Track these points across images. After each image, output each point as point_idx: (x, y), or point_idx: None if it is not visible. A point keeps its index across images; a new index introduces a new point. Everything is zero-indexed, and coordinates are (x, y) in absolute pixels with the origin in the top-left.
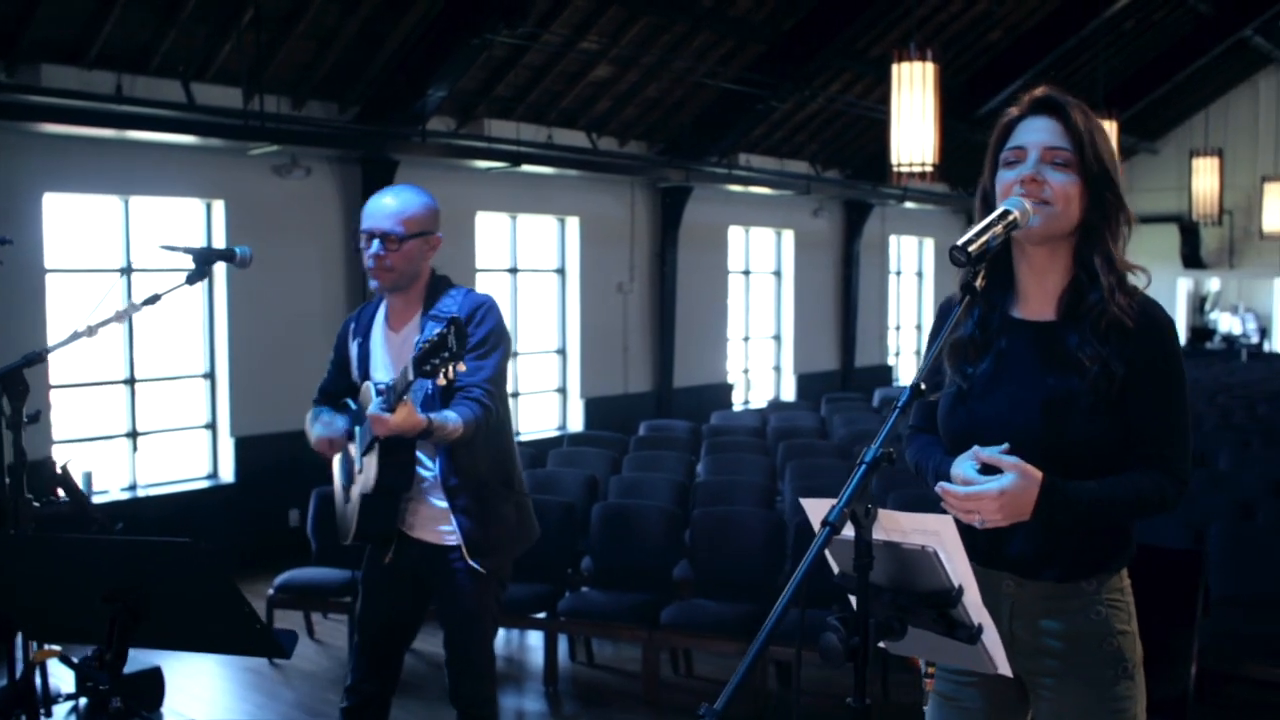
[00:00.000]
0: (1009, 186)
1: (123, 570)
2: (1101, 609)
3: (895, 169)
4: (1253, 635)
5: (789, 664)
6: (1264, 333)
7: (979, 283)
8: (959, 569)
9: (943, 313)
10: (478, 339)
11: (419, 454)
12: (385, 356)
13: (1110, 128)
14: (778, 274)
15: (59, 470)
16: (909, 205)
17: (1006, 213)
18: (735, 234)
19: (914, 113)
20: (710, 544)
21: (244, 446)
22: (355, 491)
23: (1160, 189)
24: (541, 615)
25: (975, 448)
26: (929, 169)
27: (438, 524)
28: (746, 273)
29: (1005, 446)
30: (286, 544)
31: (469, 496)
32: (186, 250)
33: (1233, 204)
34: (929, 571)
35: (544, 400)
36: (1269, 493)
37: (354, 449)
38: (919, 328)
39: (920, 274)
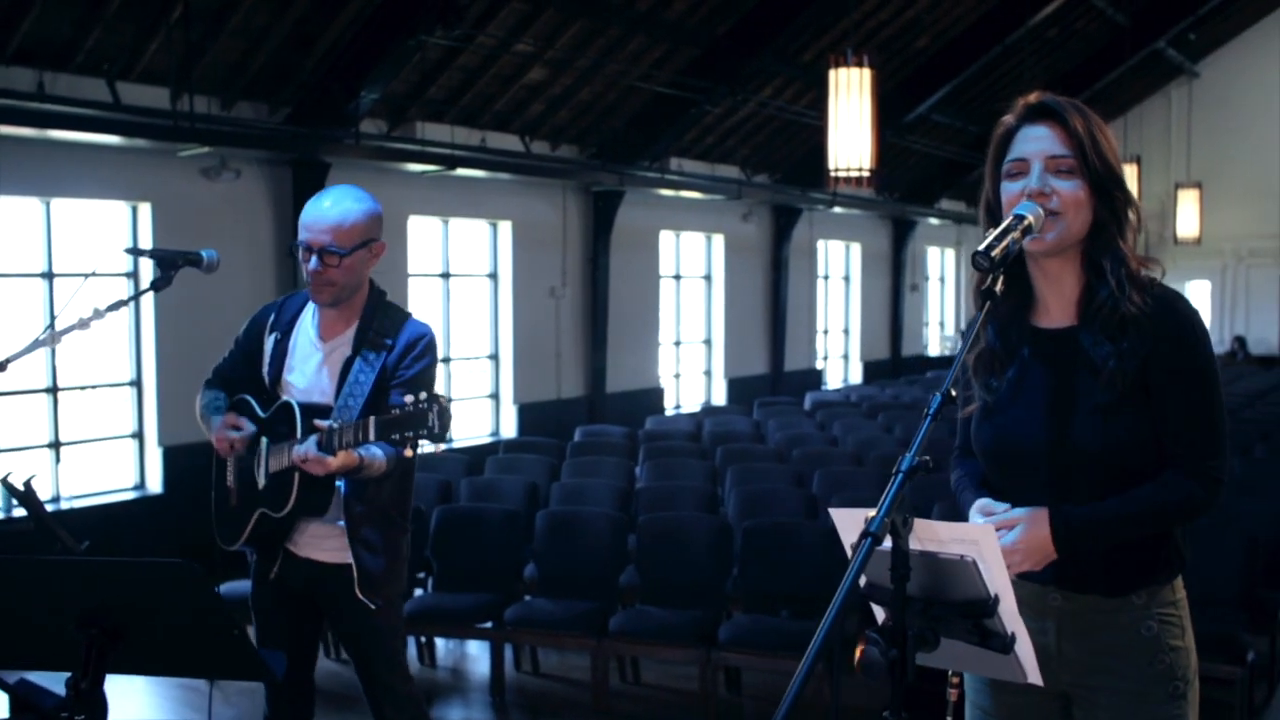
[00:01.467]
0: (1015, 200)
1: (99, 593)
2: (1153, 624)
3: (832, 174)
4: None
5: (738, 669)
6: None
7: (999, 288)
8: (996, 578)
9: (967, 335)
10: (412, 374)
11: None
12: (303, 362)
13: None
14: (708, 278)
15: (21, 486)
16: (837, 210)
17: (1021, 218)
18: (666, 238)
19: (851, 118)
20: (656, 550)
21: (173, 456)
22: (249, 505)
23: None
24: (487, 625)
25: (981, 503)
26: (866, 174)
27: (326, 540)
28: (677, 277)
29: (1006, 508)
30: (219, 557)
31: (371, 527)
32: (151, 254)
33: (1148, 210)
34: (966, 581)
35: (477, 406)
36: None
37: (258, 462)
38: (846, 332)
39: (847, 278)
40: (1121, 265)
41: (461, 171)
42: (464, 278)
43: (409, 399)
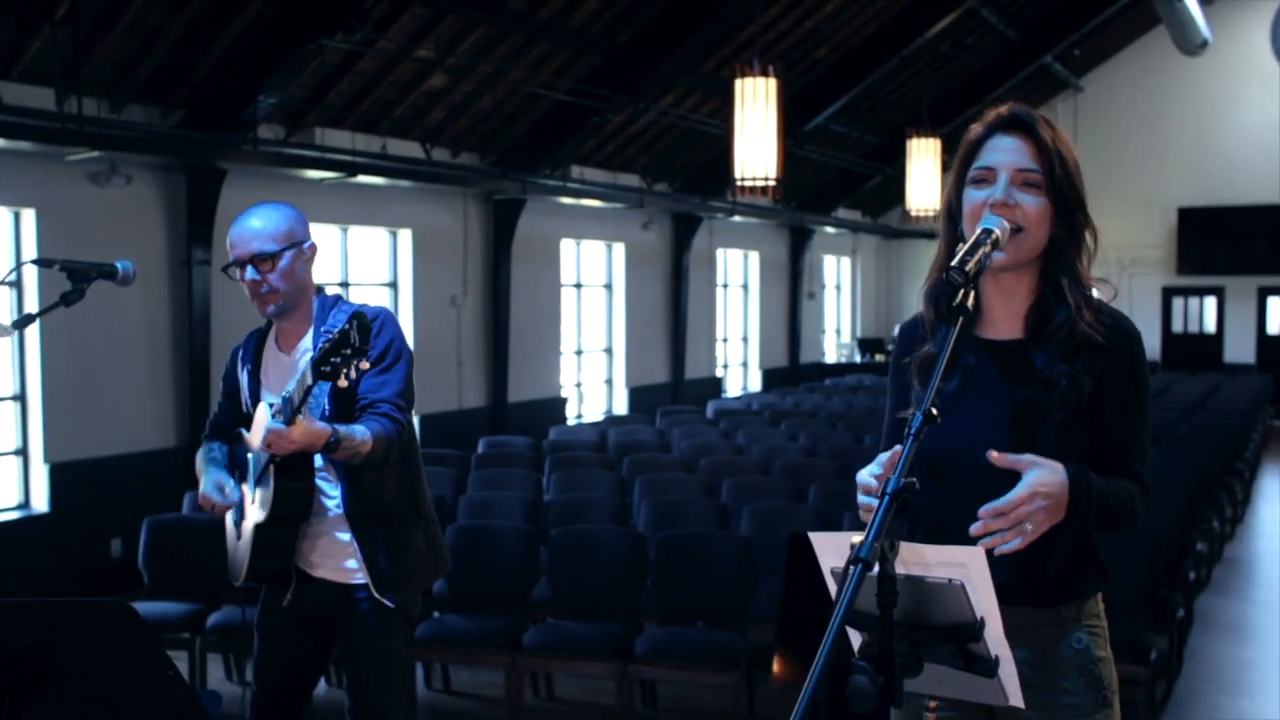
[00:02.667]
0: (979, 208)
1: (17, 637)
2: (1083, 636)
3: (738, 183)
4: None
5: (653, 682)
6: None
7: (971, 301)
8: (984, 601)
9: (905, 336)
10: (379, 350)
11: (320, 481)
12: (277, 382)
13: (934, 145)
14: (609, 287)
15: None
16: (736, 219)
17: (989, 231)
18: (567, 247)
19: (756, 127)
20: (569, 564)
21: (59, 473)
22: (247, 526)
23: None
24: None
25: (991, 452)
26: (772, 183)
27: (341, 560)
28: (578, 286)
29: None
30: (110, 577)
31: (375, 525)
32: (63, 265)
33: None
34: (953, 605)
35: None
36: None
37: (245, 486)
38: (745, 340)
39: (746, 287)
40: (1079, 286)
41: (361, 179)
42: (363, 287)
43: (337, 328)
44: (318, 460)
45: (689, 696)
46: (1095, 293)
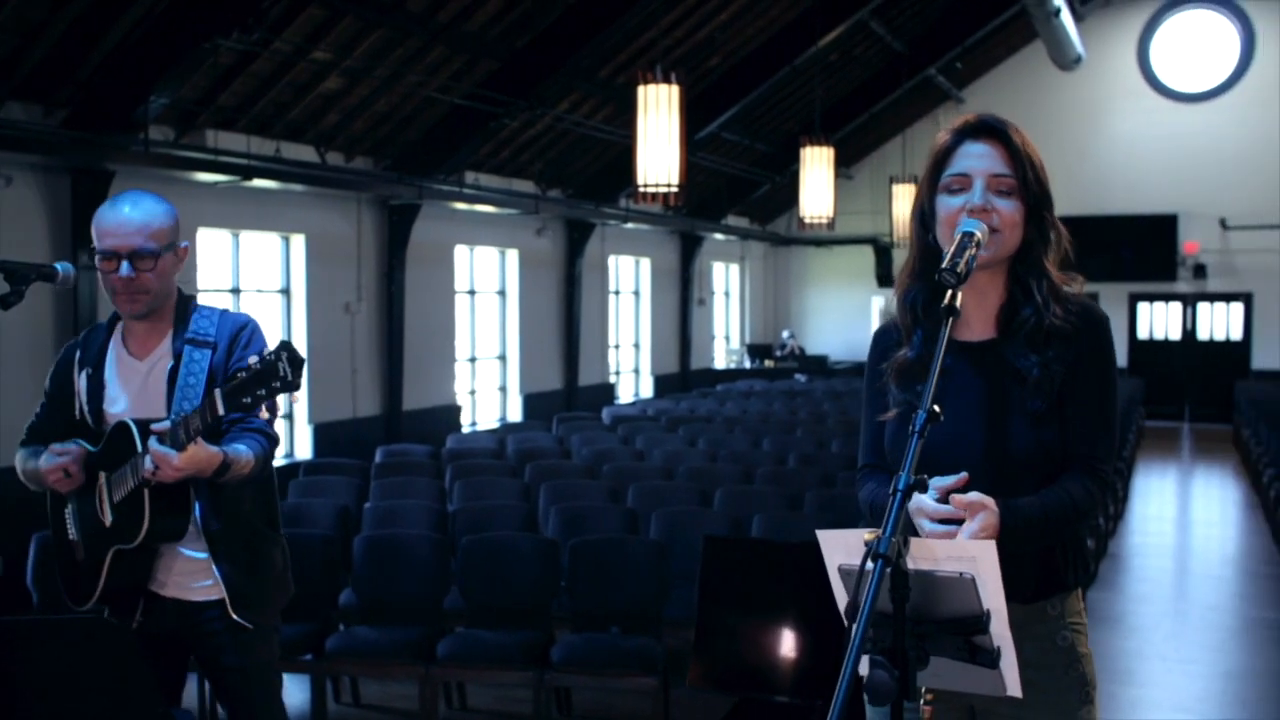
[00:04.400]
0: (955, 214)
1: None
2: (1067, 633)
3: (641, 190)
4: None
5: (568, 689)
6: None
7: (958, 303)
8: (991, 594)
9: (880, 342)
10: (247, 365)
11: None
12: (124, 387)
13: (827, 154)
14: (502, 293)
15: None
16: (628, 225)
17: (971, 234)
18: (461, 253)
19: (659, 134)
20: (481, 572)
21: None
22: (98, 548)
23: (856, 212)
24: (306, 657)
25: (931, 480)
26: (674, 189)
27: (194, 579)
28: (472, 292)
29: (963, 476)
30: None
31: (234, 542)
32: (1, 267)
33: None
34: (962, 598)
35: None
36: None
37: (98, 502)
38: (637, 346)
39: (637, 293)
40: (1046, 282)
41: (254, 182)
42: (255, 293)
43: (252, 359)
44: None
45: (605, 703)
46: (1066, 288)
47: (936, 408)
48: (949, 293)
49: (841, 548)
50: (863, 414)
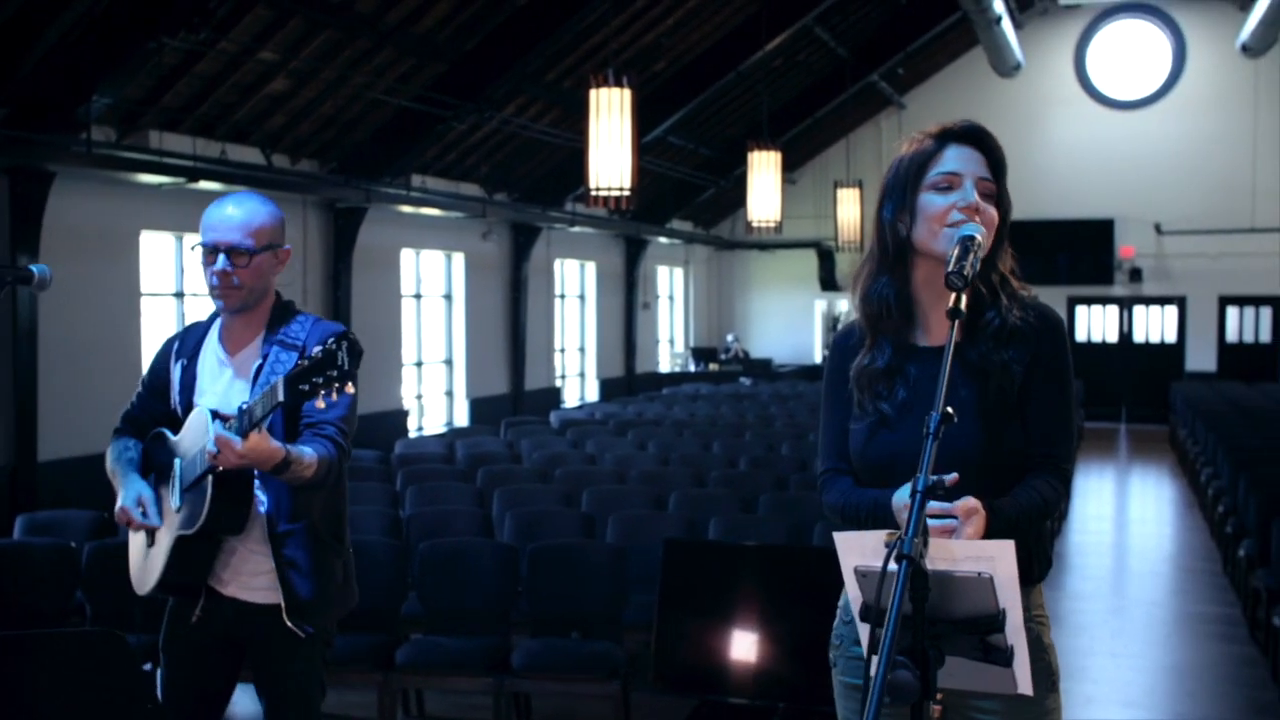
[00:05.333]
0: (944, 212)
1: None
2: (1034, 626)
3: (593, 193)
4: None
5: (528, 695)
6: None
7: (963, 305)
8: (1008, 593)
9: (841, 345)
10: None
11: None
12: (216, 382)
13: (774, 158)
14: (448, 297)
15: None
16: (573, 229)
17: (973, 238)
18: (407, 256)
19: (611, 137)
20: (439, 578)
21: None
22: (165, 535)
23: (800, 216)
24: None
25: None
26: (627, 193)
27: (254, 578)
28: (418, 296)
29: (954, 476)
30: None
31: (298, 547)
32: None
33: (867, 231)
34: (979, 597)
35: None
36: None
37: (167, 491)
38: (582, 350)
39: (583, 297)
40: (1007, 284)
41: (198, 185)
42: (201, 298)
43: (316, 350)
44: None
45: (564, 708)
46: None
47: (950, 409)
48: (954, 296)
49: (857, 549)
50: (822, 418)
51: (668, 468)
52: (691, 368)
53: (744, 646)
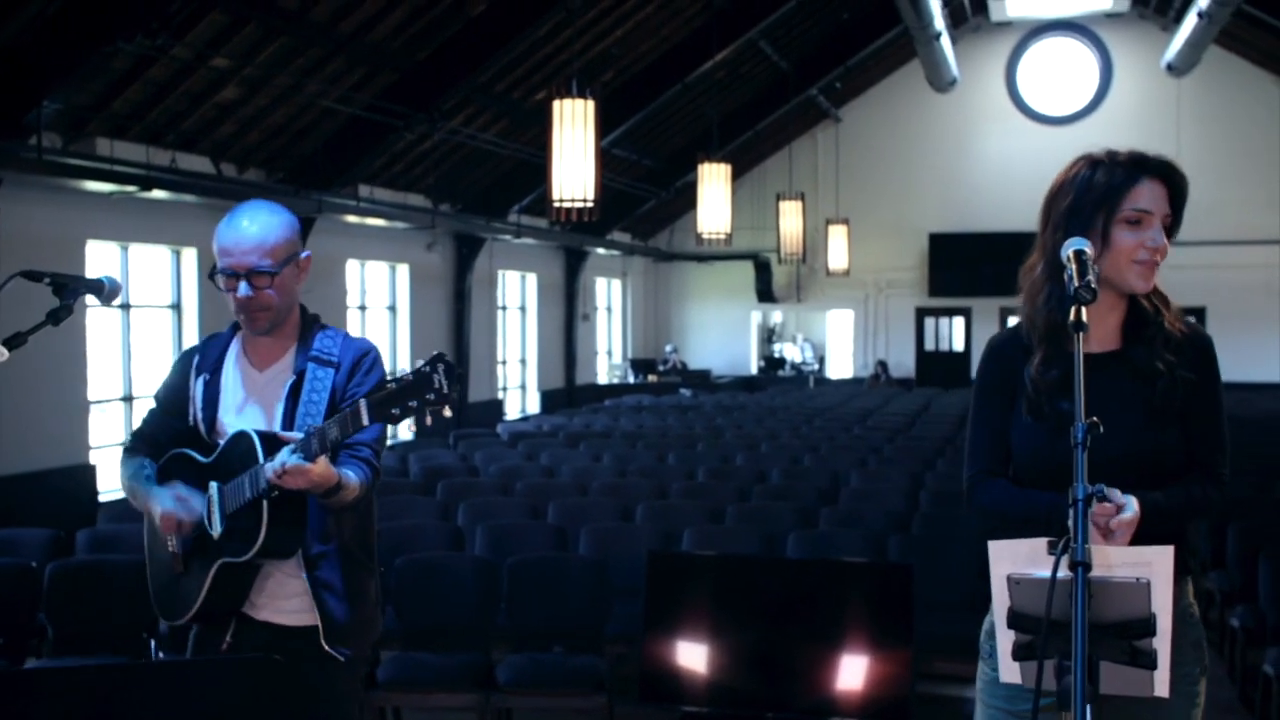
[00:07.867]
0: (1134, 247)
1: (168, 703)
2: (1194, 610)
3: (556, 204)
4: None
5: (510, 710)
6: (821, 360)
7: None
8: (1160, 598)
9: (1001, 353)
10: (368, 388)
11: None
12: (242, 398)
13: (724, 170)
14: (393, 309)
15: None
16: (515, 240)
17: (1084, 251)
18: (352, 267)
19: (574, 148)
20: (417, 593)
21: None
22: (201, 562)
23: (737, 228)
24: None
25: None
26: (590, 204)
27: (287, 601)
28: (363, 308)
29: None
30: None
31: (332, 569)
32: (51, 280)
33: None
34: (1135, 603)
35: None
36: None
37: (209, 512)
38: (523, 361)
39: (524, 309)
40: (1167, 301)
41: (145, 194)
42: (146, 309)
43: (405, 372)
44: None
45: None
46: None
47: (1095, 419)
48: (1076, 309)
49: (1009, 557)
50: (973, 421)
51: (627, 480)
52: (630, 379)
53: (730, 657)
